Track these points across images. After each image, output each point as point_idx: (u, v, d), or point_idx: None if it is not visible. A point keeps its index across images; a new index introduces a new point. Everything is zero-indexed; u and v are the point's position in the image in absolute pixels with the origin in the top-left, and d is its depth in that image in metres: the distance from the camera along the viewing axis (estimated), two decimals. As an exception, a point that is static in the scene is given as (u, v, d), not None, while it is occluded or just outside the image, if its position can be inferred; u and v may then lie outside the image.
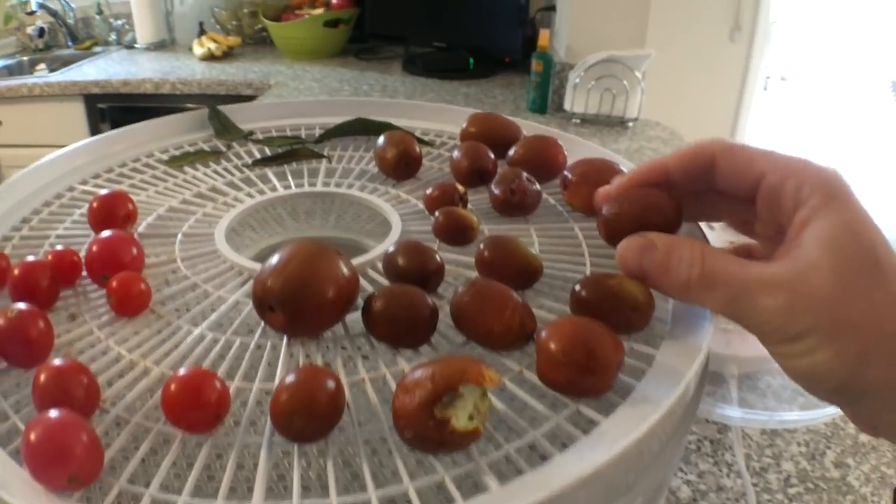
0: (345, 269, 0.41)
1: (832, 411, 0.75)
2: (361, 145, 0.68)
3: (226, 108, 0.72)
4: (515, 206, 0.53)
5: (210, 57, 2.43)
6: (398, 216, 0.54)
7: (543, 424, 0.36)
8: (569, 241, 0.51)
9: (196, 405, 0.36)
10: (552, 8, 1.99)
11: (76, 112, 2.35)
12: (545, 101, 1.78)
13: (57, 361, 0.37)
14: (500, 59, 2.10)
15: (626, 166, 0.54)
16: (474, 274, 0.46)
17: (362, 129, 0.68)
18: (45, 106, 2.37)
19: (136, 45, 2.81)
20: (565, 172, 0.53)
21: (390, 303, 0.40)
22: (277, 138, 0.69)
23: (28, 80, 2.44)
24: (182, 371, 0.37)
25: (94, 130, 2.35)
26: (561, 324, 0.37)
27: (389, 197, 0.58)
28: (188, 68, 2.32)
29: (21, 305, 0.41)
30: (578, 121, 1.71)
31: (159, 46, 2.75)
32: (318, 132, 0.70)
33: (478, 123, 0.63)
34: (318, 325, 0.41)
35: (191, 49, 2.53)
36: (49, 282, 0.46)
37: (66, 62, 2.69)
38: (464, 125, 0.63)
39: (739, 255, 0.37)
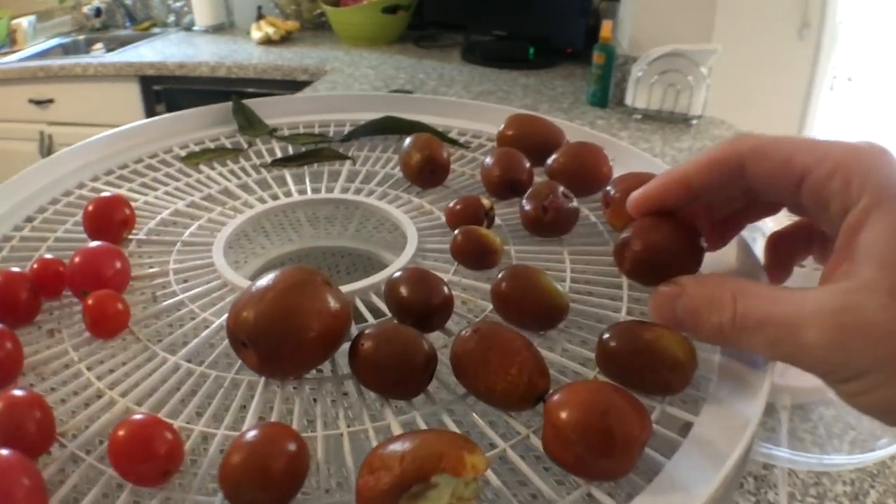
0: (332, 302, 0.35)
1: (882, 453, 0.68)
2: (391, 146, 0.62)
3: (253, 102, 0.67)
4: (548, 225, 0.46)
5: (268, 41, 2.40)
6: (415, 231, 0.48)
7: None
8: (606, 270, 0.44)
9: (142, 458, 0.31)
10: (617, -1, 1.90)
11: (131, 93, 2.35)
12: (606, 95, 1.68)
13: (14, 392, 0.34)
14: (561, 50, 2.01)
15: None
16: (490, 306, 0.40)
17: (392, 128, 0.62)
18: (100, 86, 2.37)
19: (195, 28, 2.79)
20: (608, 188, 0.46)
21: (379, 346, 0.34)
22: (302, 136, 0.64)
23: (82, 59, 2.44)
24: (134, 416, 0.32)
25: (150, 112, 2.35)
26: (575, 390, 0.30)
27: (411, 207, 0.52)
28: (245, 52, 2.30)
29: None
30: (640, 116, 1.61)
31: (217, 29, 2.73)
32: (348, 129, 0.64)
33: (516, 126, 0.56)
34: (298, 366, 0.35)
35: (249, 33, 2.50)
36: (28, 294, 0.42)
37: (124, 42, 2.68)
38: (501, 127, 0.57)
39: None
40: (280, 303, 0.34)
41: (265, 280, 0.35)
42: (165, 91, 2.26)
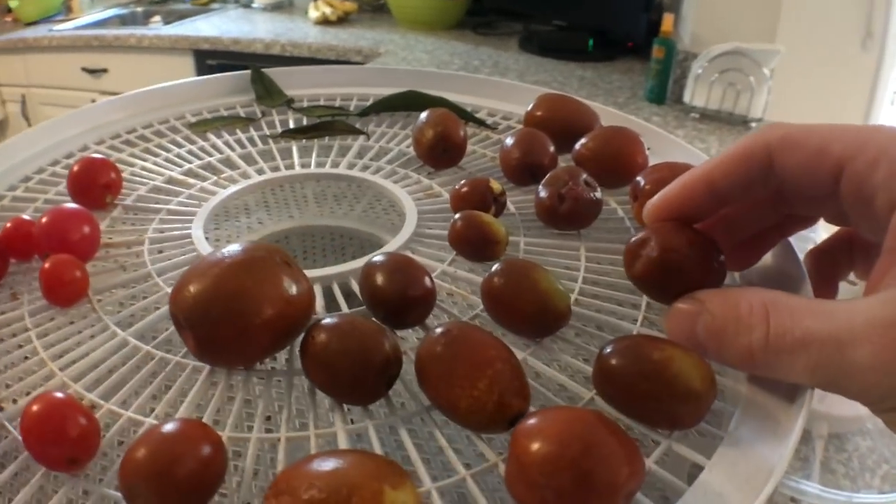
0: (289, 286, 0.30)
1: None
2: (411, 123, 0.57)
3: (274, 72, 0.63)
4: (564, 216, 0.40)
5: (324, 21, 2.36)
6: (416, 213, 0.43)
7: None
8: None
9: (50, 440, 0.27)
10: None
11: (185, 67, 2.33)
12: (664, 91, 1.59)
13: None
14: (621, 43, 1.92)
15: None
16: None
17: (414, 103, 0.57)
18: (154, 58, 2.37)
19: (254, 5, 2.75)
20: (638, 178, 0.40)
21: (332, 341, 0.29)
22: (319, 108, 0.59)
23: (137, 30, 2.42)
24: (52, 393, 0.28)
25: (204, 87, 2.31)
26: (553, 417, 0.24)
27: (418, 188, 0.47)
28: (301, 31, 2.26)
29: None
30: (697, 115, 1.52)
31: (276, 7, 2.69)
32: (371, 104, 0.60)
33: (546, 106, 0.50)
34: (242, 355, 0.30)
35: (307, 12, 2.48)
36: (-7, 254, 0.39)
37: (182, 16, 2.65)
38: (529, 107, 0.51)
39: None
40: (225, 281, 0.29)
41: (215, 255, 0.31)
42: (220, 66, 2.23)
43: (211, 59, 2.27)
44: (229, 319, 0.29)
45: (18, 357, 0.35)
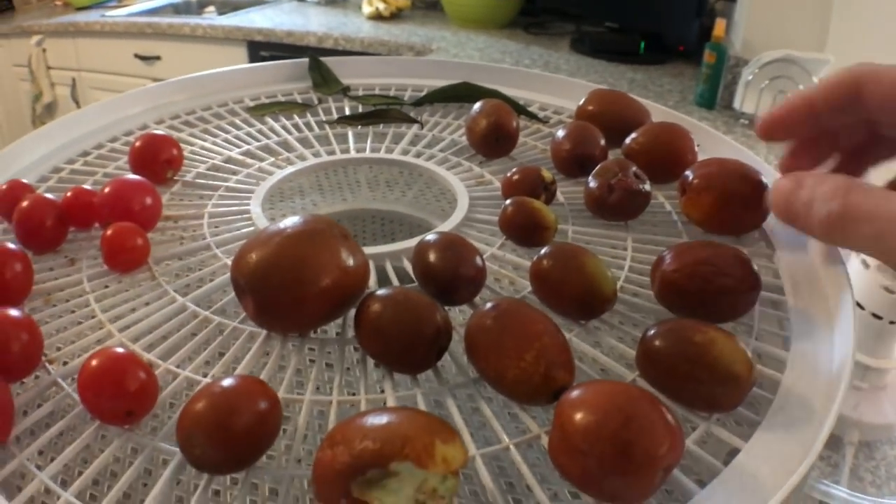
0: (346, 258, 0.31)
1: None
2: (464, 114, 0.58)
3: (331, 61, 0.64)
4: (612, 206, 0.41)
5: (377, 16, 2.38)
6: (468, 199, 0.44)
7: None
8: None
9: (109, 393, 0.29)
10: (734, -1, 1.79)
11: (238, 58, 2.36)
12: (714, 96, 1.58)
13: (5, 311, 0.32)
14: (672, 47, 1.91)
15: (768, 173, 0.41)
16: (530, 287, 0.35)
17: (468, 95, 0.58)
18: (207, 48, 2.40)
19: None
20: (686, 173, 0.40)
21: (386, 311, 0.30)
22: (374, 96, 0.60)
23: (191, 20, 2.45)
24: (112, 349, 0.29)
25: (256, 78, 2.34)
26: (597, 390, 0.25)
27: (470, 175, 0.48)
28: (354, 25, 2.28)
29: (7, 244, 0.37)
30: (747, 122, 1.49)
31: (330, 2, 2.70)
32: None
33: (598, 101, 0.51)
34: (299, 321, 0.32)
35: (360, 7, 2.50)
36: (54, 222, 0.41)
37: (236, 7, 2.68)
38: (581, 102, 0.51)
39: None
40: (286, 250, 0.30)
41: (276, 226, 0.32)
42: (272, 58, 2.23)
43: (264, 50, 2.30)
44: (288, 286, 0.30)
45: (74, 320, 0.36)
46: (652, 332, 0.29)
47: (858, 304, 0.65)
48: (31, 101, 2.91)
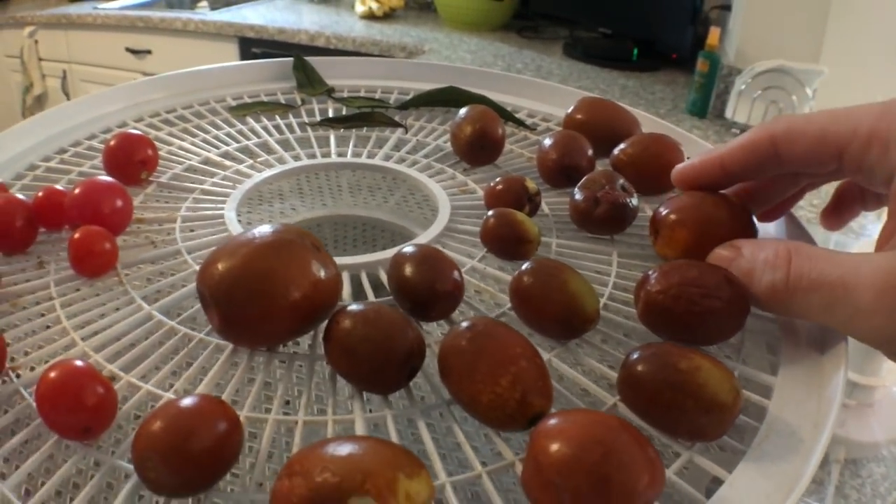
0: (317, 270, 0.30)
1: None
2: (450, 118, 0.57)
3: (316, 61, 0.63)
4: (598, 220, 0.39)
5: (370, 16, 2.37)
6: (449, 208, 0.42)
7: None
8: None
9: (66, 407, 0.27)
10: (728, 7, 1.78)
11: (229, 53, 2.34)
12: (706, 105, 1.57)
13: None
14: (665, 55, 1.90)
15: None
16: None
17: (454, 100, 0.57)
18: (199, 43, 2.38)
19: None
20: (660, 208, 0.38)
21: (356, 329, 0.29)
22: (359, 98, 0.59)
23: (183, 14, 2.42)
24: (72, 361, 0.28)
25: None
26: (574, 419, 0.24)
27: (453, 183, 0.47)
28: (346, 24, 2.26)
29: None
30: (738, 131, 1.49)
31: (324, 0, 2.74)
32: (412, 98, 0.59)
33: (586, 110, 0.50)
34: (266, 336, 0.30)
35: (353, 6, 2.48)
36: (24, 223, 0.39)
37: (229, 3, 2.64)
38: (570, 110, 0.50)
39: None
40: (253, 261, 0.29)
41: (245, 235, 0.30)
42: (264, 55, 2.23)
43: (256, 47, 2.28)
44: (255, 299, 0.29)
45: (40, 325, 0.35)
46: (635, 356, 0.28)
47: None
48: (21, 92, 2.88)
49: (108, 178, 0.41)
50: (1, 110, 2.95)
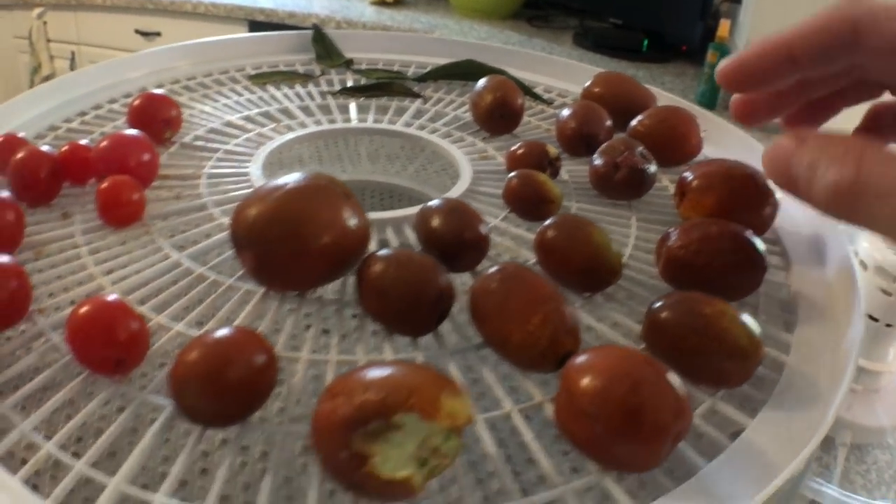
0: (348, 216, 0.30)
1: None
2: (468, 91, 0.57)
3: (335, 34, 0.64)
4: (618, 184, 0.40)
5: (381, 2, 2.36)
6: (470, 171, 0.43)
7: (537, 491, 0.24)
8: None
9: (99, 341, 0.28)
10: (739, 0, 1.79)
11: None
12: (715, 96, 1.57)
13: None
14: (675, 46, 1.91)
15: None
16: (534, 259, 0.35)
17: (472, 73, 0.57)
18: (209, 25, 2.35)
19: None
20: (685, 174, 0.39)
21: (388, 270, 0.29)
22: (378, 70, 0.60)
23: None
24: (104, 297, 0.29)
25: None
26: (604, 354, 0.24)
27: (473, 150, 0.47)
28: (357, 10, 2.24)
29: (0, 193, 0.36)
30: None
31: None
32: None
33: (604, 84, 0.50)
34: (298, 279, 0.31)
35: (364, -9, 2.48)
36: (48, 175, 0.40)
37: None
38: (587, 84, 0.51)
39: None
40: (286, 204, 0.30)
41: (277, 181, 0.31)
42: (274, 38, 2.24)
43: (265, 30, 2.27)
44: (288, 241, 0.29)
45: (64, 272, 0.35)
46: (659, 303, 0.29)
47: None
48: (29, 73, 2.88)
49: (135, 132, 0.42)
50: (9, 91, 2.95)
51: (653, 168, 0.40)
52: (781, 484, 0.24)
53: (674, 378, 0.24)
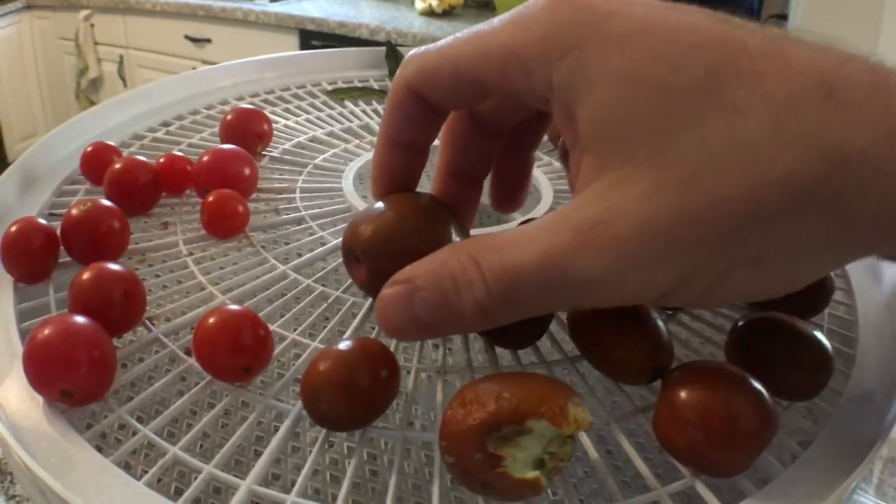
0: (456, 236, 0.32)
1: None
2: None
3: (406, 50, 0.66)
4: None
5: (430, 13, 2.40)
6: (552, 192, 0.45)
7: (634, 494, 0.26)
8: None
9: (228, 349, 0.30)
10: (784, 17, 1.79)
11: (289, 45, 2.39)
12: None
13: (109, 265, 0.33)
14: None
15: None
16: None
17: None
18: (259, 34, 2.43)
19: None
20: None
21: None
22: (450, 88, 0.62)
23: (244, 4, 2.45)
24: (229, 307, 0.31)
25: (304, 67, 2.36)
26: (699, 369, 0.27)
27: (550, 169, 0.49)
28: (406, 20, 2.30)
29: (103, 201, 0.38)
30: None
31: None
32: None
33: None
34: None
35: (413, 2, 2.51)
36: (149, 184, 0.42)
37: None
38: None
39: None
40: (403, 220, 0.32)
41: (388, 200, 0.33)
42: (323, 48, 2.26)
43: (315, 39, 2.32)
44: (403, 256, 0.31)
45: (172, 280, 0.37)
46: (742, 323, 0.31)
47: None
48: (75, 74, 2.96)
49: (235, 147, 0.44)
50: (54, 92, 3.04)
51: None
52: (850, 485, 0.26)
53: (763, 389, 0.26)
